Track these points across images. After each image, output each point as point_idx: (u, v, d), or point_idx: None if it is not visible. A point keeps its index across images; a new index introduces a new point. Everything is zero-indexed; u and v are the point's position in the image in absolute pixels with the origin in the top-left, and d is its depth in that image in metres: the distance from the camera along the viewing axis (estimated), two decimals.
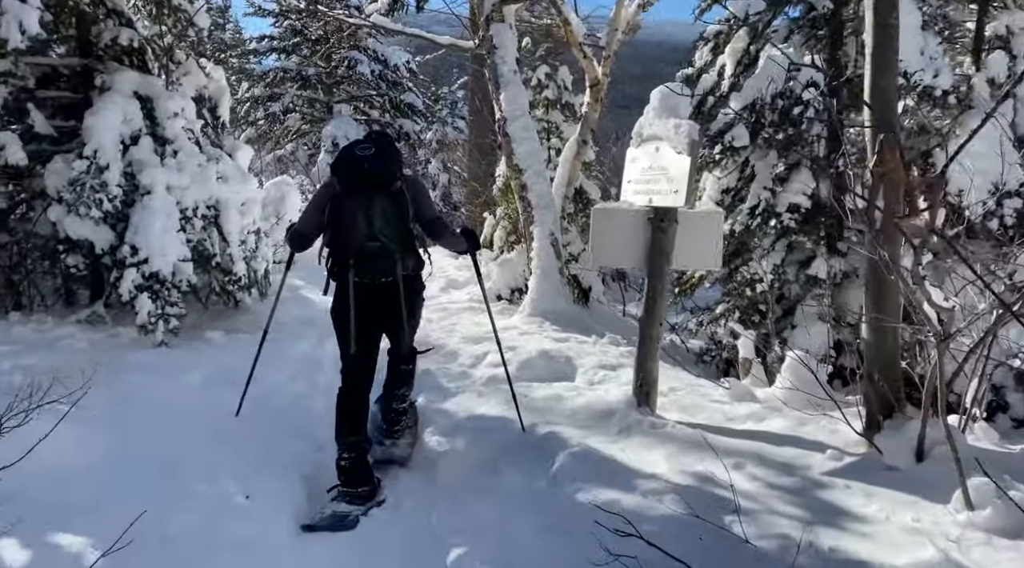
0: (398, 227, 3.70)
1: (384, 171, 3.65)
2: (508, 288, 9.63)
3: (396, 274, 3.69)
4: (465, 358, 6.56)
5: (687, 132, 4.21)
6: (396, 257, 3.69)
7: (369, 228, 3.65)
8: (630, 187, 4.81)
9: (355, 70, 23.03)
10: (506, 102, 8.44)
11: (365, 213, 3.64)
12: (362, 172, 3.63)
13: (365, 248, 3.67)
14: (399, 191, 3.69)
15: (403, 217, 3.70)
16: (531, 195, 8.29)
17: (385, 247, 3.67)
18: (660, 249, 4.53)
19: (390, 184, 3.66)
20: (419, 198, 3.83)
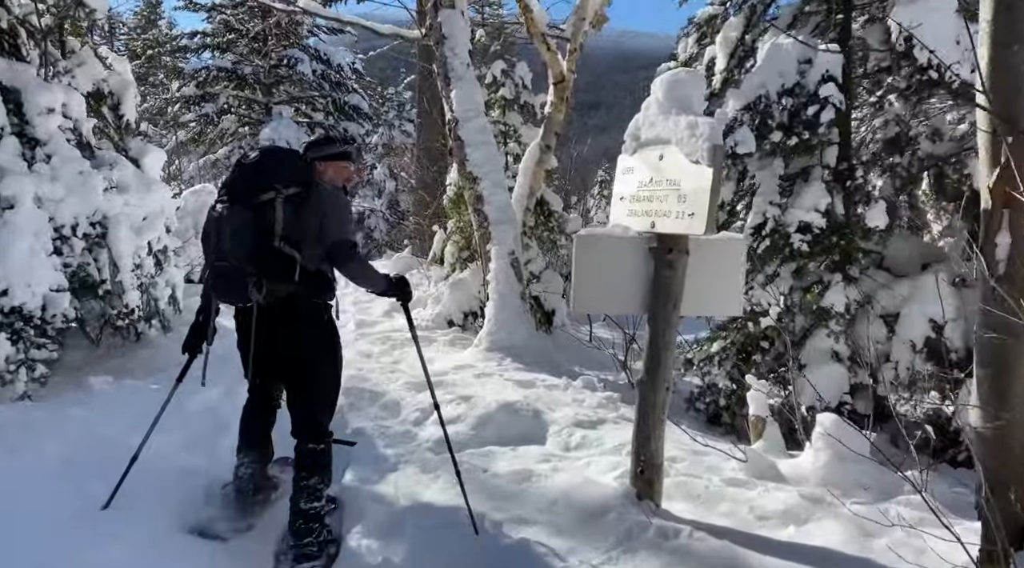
0: (251, 245, 3.17)
1: (252, 180, 3.23)
2: (461, 312, 8.43)
3: (254, 299, 3.17)
4: (409, 410, 5.34)
5: (707, 134, 3.08)
6: (249, 280, 3.15)
7: (218, 243, 3.22)
8: (623, 206, 3.66)
9: (295, 69, 21.60)
10: (458, 101, 7.24)
11: (216, 227, 3.24)
12: (226, 184, 3.31)
13: (214, 267, 3.27)
14: (265, 205, 3.19)
15: (263, 234, 3.17)
16: (487, 208, 7.11)
17: (234, 269, 3.18)
18: (666, 290, 3.40)
19: (250, 197, 3.19)
20: (313, 214, 3.24)
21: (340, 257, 3.28)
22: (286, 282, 3.20)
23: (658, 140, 3.44)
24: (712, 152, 3.06)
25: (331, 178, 3.48)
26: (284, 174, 3.25)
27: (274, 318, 3.25)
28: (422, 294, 9.78)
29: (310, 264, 3.24)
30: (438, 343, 7.62)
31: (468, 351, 6.93)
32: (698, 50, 6.43)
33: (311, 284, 3.28)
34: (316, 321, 3.39)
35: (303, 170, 3.33)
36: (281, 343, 3.32)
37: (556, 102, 7.71)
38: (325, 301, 3.42)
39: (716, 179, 3.07)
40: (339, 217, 3.30)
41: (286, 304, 3.24)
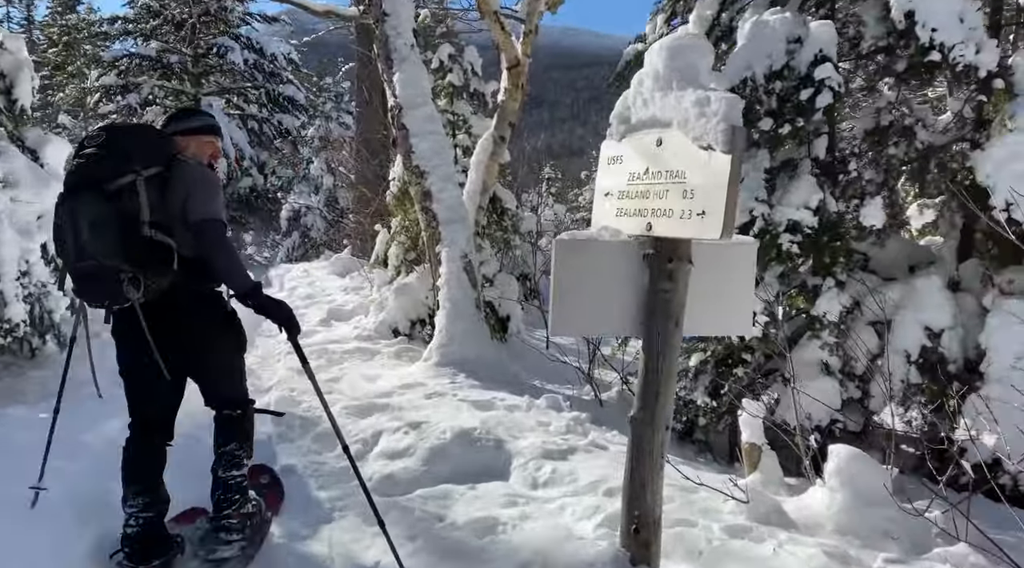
0: (117, 238, 2.81)
1: (104, 162, 2.85)
2: (407, 320, 7.68)
3: (133, 299, 2.83)
4: (349, 441, 4.56)
5: (722, 112, 2.45)
6: (123, 278, 2.81)
7: (76, 243, 2.83)
8: (610, 204, 3.01)
9: (226, 58, 20.41)
10: (401, 85, 6.50)
11: (72, 224, 2.84)
12: (71, 172, 2.92)
13: (76, 269, 2.89)
14: (124, 189, 2.84)
15: (130, 223, 2.83)
16: (436, 205, 6.39)
17: (102, 267, 2.80)
18: (665, 307, 2.76)
19: (104, 182, 2.83)
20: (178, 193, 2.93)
21: (202, 237, 2.92)
22: (165, 274, 2.91)
23: (655, 122, 2.79)
24: (730, 135, 2.43)
25: (194, 153, 3.16)
26: (141, 152, 2.92)
27: (158, 315, 2.94)
28: (364, 300, 9.00)
29: (186, 250, 2.94)
30: (382, 355, 6.87)
31: (416, 366, 6.20)
32: (668, 30, 5.84)
33: (193, 272, 2.98)
34: (204, 310, 3.13)
35: (161, 145, 3.03)
36: (172, 340, 3.01)
37: (510, 89, 7.04)
38: (212, 288, 3.15)
39: (735, 168, 2.44)
40: (204, 193, 2.96)
41: (169, 298, 2.95)
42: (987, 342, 4.65)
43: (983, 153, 4.60)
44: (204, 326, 3.12)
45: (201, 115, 3.39)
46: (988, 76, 4.45)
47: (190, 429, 3.95)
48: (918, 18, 4.40)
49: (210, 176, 3.10)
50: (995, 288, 4.79)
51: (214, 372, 3.23)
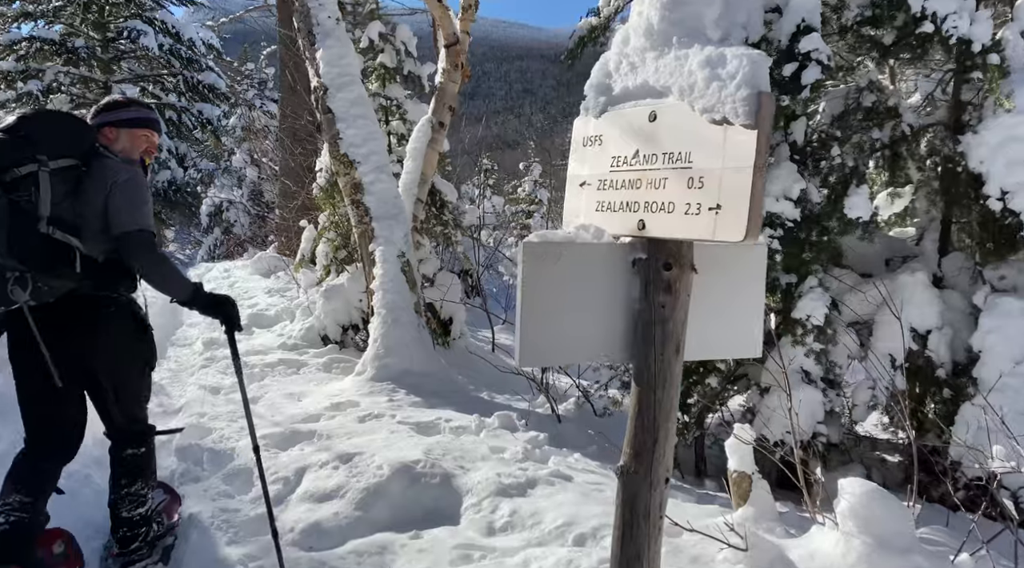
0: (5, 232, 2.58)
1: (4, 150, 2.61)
2: (338, 326, 6.94)
3: (19, 301, 2.62)
4: (268, 481, 3.86)
5: (744, 73, 1.86)
6: (9, 277, 2.61)
7: None
8: (586, 196, 2.40)
9: (139, 43, 19.05)
10: (326, 63, 5.75)
11: None
12: None
13: None
14: (22, 179, 2.63)
15: (24, 218, 2.60)
16: (369, 199, 5.68)
17: None
18: (663, 326, 2.17)
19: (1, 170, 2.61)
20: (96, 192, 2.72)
21: (131, 249, 2.73)
22: (62, 276, 2.71)
23: (646, 91, 2.19)
24: (755, 103, 1.84)
25: (124, 149, 2.92)
26: (51, 142, 2.72)
27: (55, 322, 2.75)
28: (289, 303, 8.19)
29: (95, 253, 2.75)
30: (309, 368, 6.12)
31: (349, 380, 5.48)
32: (624, 2, 5.26)
33: (100, 276, 2.78)
34: (110, 319, 2.86)
35: (78, 137, 2.80)
36: (71, 351, 2.79)
37: (449, 69, 6.35)
38: (121, 294, 2.90)
39: (762, 147, 1.86)
40: (130, 198, 2.74)
41: (68, 303, 2.75)
42: (981, 344, 4.25)
43: (976, 137, 4.18)
44: (109, 337, 2.88)
45: (137, 106, 3.08)
46: (982, 50, 4.02)
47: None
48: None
49: (137, 178, 2.84)
50: (986, 285, 4.39)
51: (118, 391, 2.97)
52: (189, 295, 2.87)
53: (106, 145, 2.86)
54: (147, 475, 3.15)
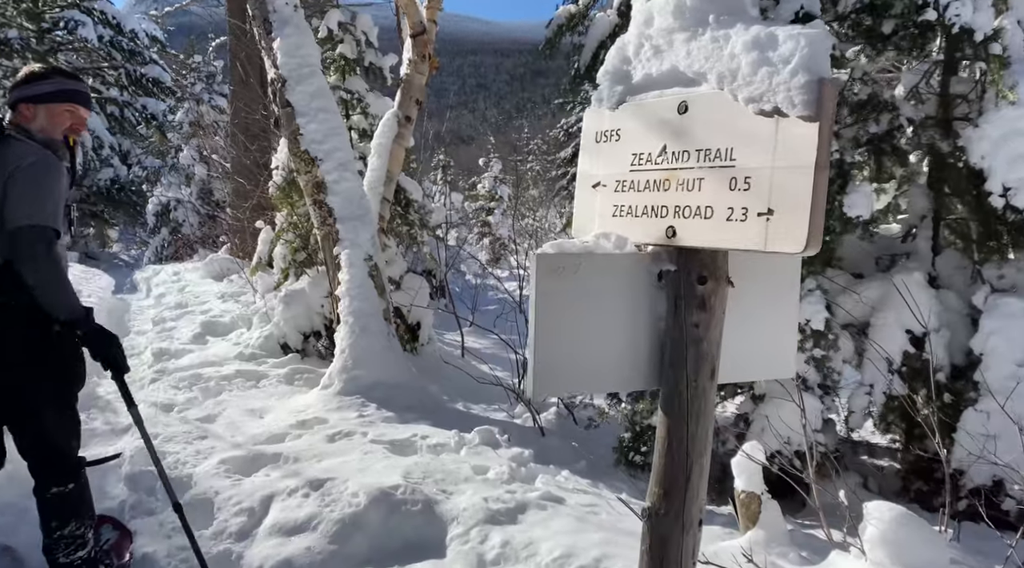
0: None
1: None
2: (299, 333, 6.54)
3: None
4: (228, 514, 3.52)
5: (801, 55, 1.60)
6: None
7: None
8: (601, 199, 2.11)
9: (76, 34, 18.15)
10: (284, 53, 5.36)
11: None
12: None
13: None
14: None
15: None
16: (333, 199, 5.31)
17: None
18: (695, 347, 1.90)
19: None
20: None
21: (19, 248, 2.39)
22: None
23: (674, 78, 1.90)
24: (815, 91, 1.58)
25: (44, 128, 2.58)
26: None
27: None
28: (246, 309, 7.74)
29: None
30: (270, 380, 5.72)
31: (314, 394, 5.10)
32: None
33: (10, 279, 2.43)
34: (17, 329, 2.51)
35: None
36: None
37: (415, 61, 6.00)
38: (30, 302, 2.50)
39: (825, 142, 1.59)
40: (31, 186, 2.41)
41: None
42: (983, 347, 4.09)
43: (977, 130, 4.01)
44: (18, 351, 2.52)
45: (59, 77, 2.70)
46: (985, 40, 3.85)
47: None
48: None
49: (45, 163, 2.48)
50: (986, 284, 4.24)
51: (29, 416, 2.62)
52: (79, 315, 2.53)
53: (23, 125, 2.54)
54: (82, 513, 2.79)
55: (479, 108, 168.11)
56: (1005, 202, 3.93)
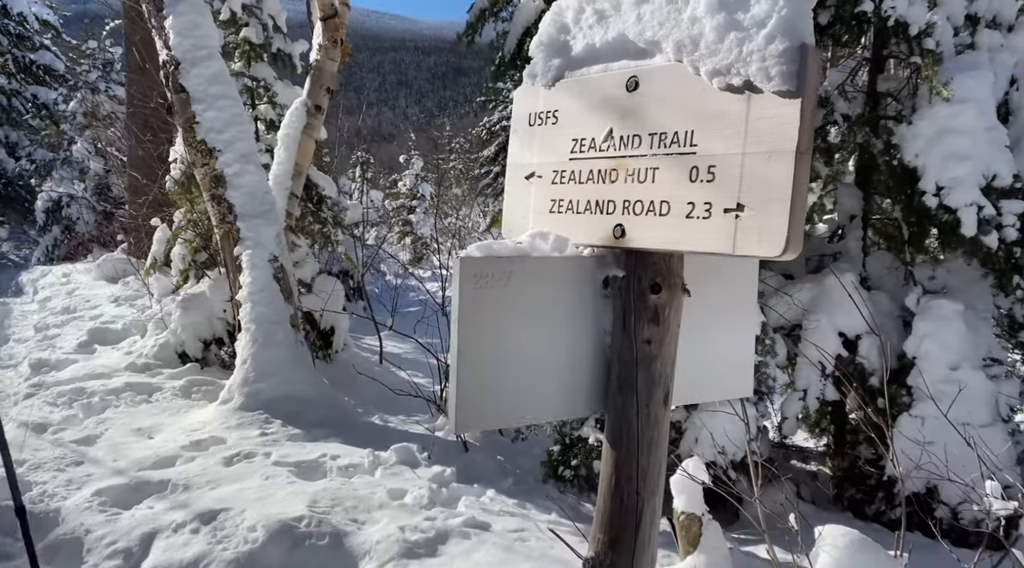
0: None
1: None
2: (198, 341, 5.99)
3: None
4: (99, 557, 3.07)
5: (779, 17, 1.32)
6: None
7: None
8: (536, 192, 1.80)
9: None
10: (178, 33, 4.84)
11: None
12: None
13: None
14: None
15: None
16: (234, 194, 4.82)
17: None
18: (647, 366, 1.61)
19: None
20: None
21: None
22: None
23: (623, 48, 1.61)
24: (796, 60, 1.31)
25: None
26: None
27: None
28: (140, 314, 7.10)
29: None
30: (164, 394, 5.17)
31: (212, 409, 4.61)
32: None
33: None
34: None
35: None
36: None
37: (326, 46, 5.55)
38: None
39: (807, 122, 1.32)
40: None
41: None
42: (916, 350, 4.00)
43: (911, 128, 3.91)
44: None
45: None
46: (919, 34, 3.74)
47: None
48: None
49: None
50: (918, 286, 4.15)
51: None
52: None
53: None
54: None
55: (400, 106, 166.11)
56: (938, 201, 3.83)
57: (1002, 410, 3.81)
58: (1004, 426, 3.82)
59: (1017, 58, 4.06)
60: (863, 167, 4.55)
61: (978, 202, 3.78)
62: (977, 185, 3.82)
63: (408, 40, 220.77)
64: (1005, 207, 3.83)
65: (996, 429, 3.76)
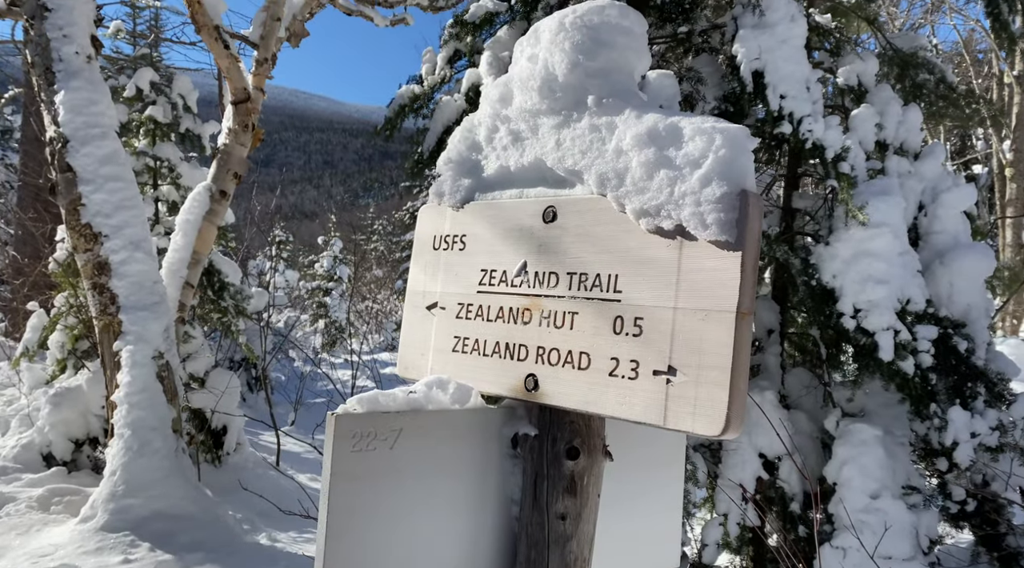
0: None
1: None
2: (68, 441, 5.38)
3: None
4: None
5: (715, 159, 1.16)
6: None
7: None
8: (438, 327, 1.56)
9: None
10: (69, 109, 4.50)
11: None
12: None
13: None
14: None
15: None
16: (119, 283, 4.39)
17: None
18: (559, 548, 1.35)
19: None
20: None
21: None
22: None
23: (540, 174, 1.43)
24: (736, 209, 1.14)
25: None
26: None
27: None
28: (5, 410, 6.37)
29: None
30: (18, 505, 4.52)
31: (70, 528, 4.02)
32: (451, 72, 4.59)
33: None
34: None
35: None
36: None
37: (237, 130, 5.29)
38: None
39: (749, 279, 1.13)
40: None
41: None
42: (836, 476, 3.86)
43: (828, 249, 3.90)
44: None
45: None
46: (835, 158, 3.78)
47: None
48: (768, 79, 3.64)
49: None
50: (836, 408, 4.07)
51: None
52: None
53: None
54: None
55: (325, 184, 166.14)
56: (856, 323, 3.79)
57: (922, 542, 3.68)
58: (924, 559, 3.69)
59: (924, 185, 4.17)
60: (780, 281, 4.54)
61: (894, 326, 3.75)
62: (893, 309, 3.80)
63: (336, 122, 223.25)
64: (920, 332, 3.82)
65: (916, 564, 3.62)
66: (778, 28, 3.73)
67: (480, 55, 4.40)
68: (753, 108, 3.79)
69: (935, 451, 3.88)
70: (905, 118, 4.25)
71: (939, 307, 3.93)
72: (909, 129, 4.20)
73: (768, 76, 3.65)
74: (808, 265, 3.95)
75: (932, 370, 3.80)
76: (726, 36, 3.98)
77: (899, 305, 3.85)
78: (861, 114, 4.20)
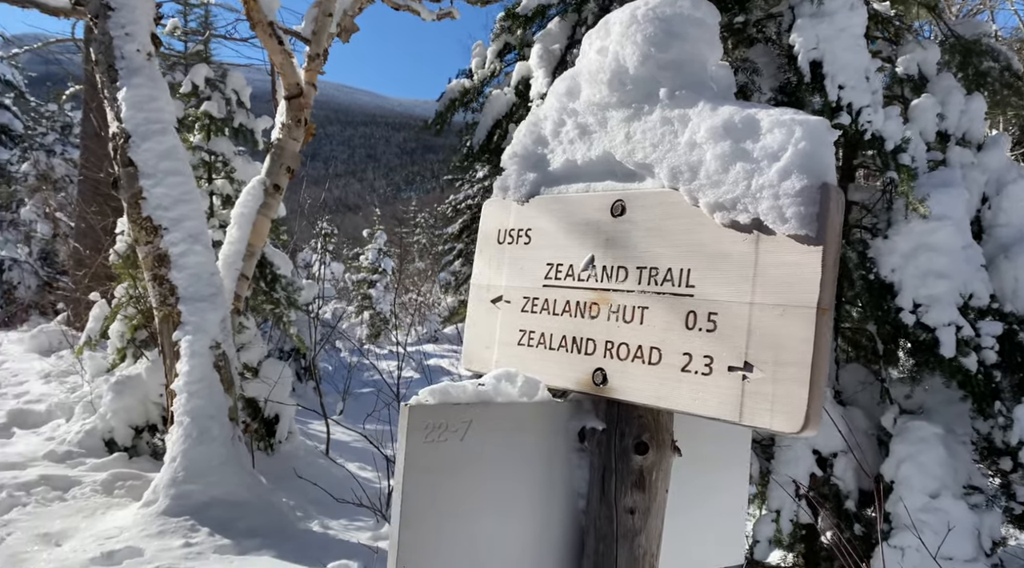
0: None
1: None
2: (129, 428, 5.55)
3: None
4: None
5: (795, 151, 1.15)
6: None
7: None
8: (504, 320, 1.57)
9: None
10: (131, 106, 4.62)
11: None
12: None
13: None
14: None
15: None
16: (178, 275, 4.52)
17: None
18: (627, 543, 1.36)
19: None
20: None
21: None
22: None
23: (608, 168, 1.42)
24: (816, 202, 1.11)
25: None
26: None
27: None
28: (69, 396, 6.60)
29: None
30: (83, 489, 4.69)
31: (132, 513, 4.16)
32: (501, 65, 4.61)
33: None
34: None
35: None
36: None
37: (289, 125, 5.38)
38: None
39: (829, 274, 1.11)
40: None
41: None
42: (894, 474, 3.78)
43: (887, 243, 3.81)
44: None
45: None
46: (895, 149, 3.69)
47: None
48: (826, 70, 3.57)
49: None
50: (894, 405, 3.98)
51: None
52: None
53: None
54: None
55: (368, 178, 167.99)
56: (915, 319, 3.70)
57: (984, 544, 3.59)
58: (987, 560, 3.60)
59: (988, 176, 4.05)
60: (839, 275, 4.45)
61: (956, 322, 3.65)
62: (955, 304, 3.70)
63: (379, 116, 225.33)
64: (983, 328, 3.71)
65: (979, 565, 3.53)
66: (837, 16, 3.64)
67: (530, 48, 4.39)
68: (810, 99, 3.71)
69: (999, 450, 3.77)
70: (968, 107, 4.11)
71: (1004, 302, 3.81)
72: (972, 119, 4.07)
73: (826, 66, 3.57)
74: (865, 259, 3.86)
75: (996, 367, 3.69)
76: (782, 25, 3.90)
77: (961, 300, 3.74)
78: (921, 104, 4.08)
